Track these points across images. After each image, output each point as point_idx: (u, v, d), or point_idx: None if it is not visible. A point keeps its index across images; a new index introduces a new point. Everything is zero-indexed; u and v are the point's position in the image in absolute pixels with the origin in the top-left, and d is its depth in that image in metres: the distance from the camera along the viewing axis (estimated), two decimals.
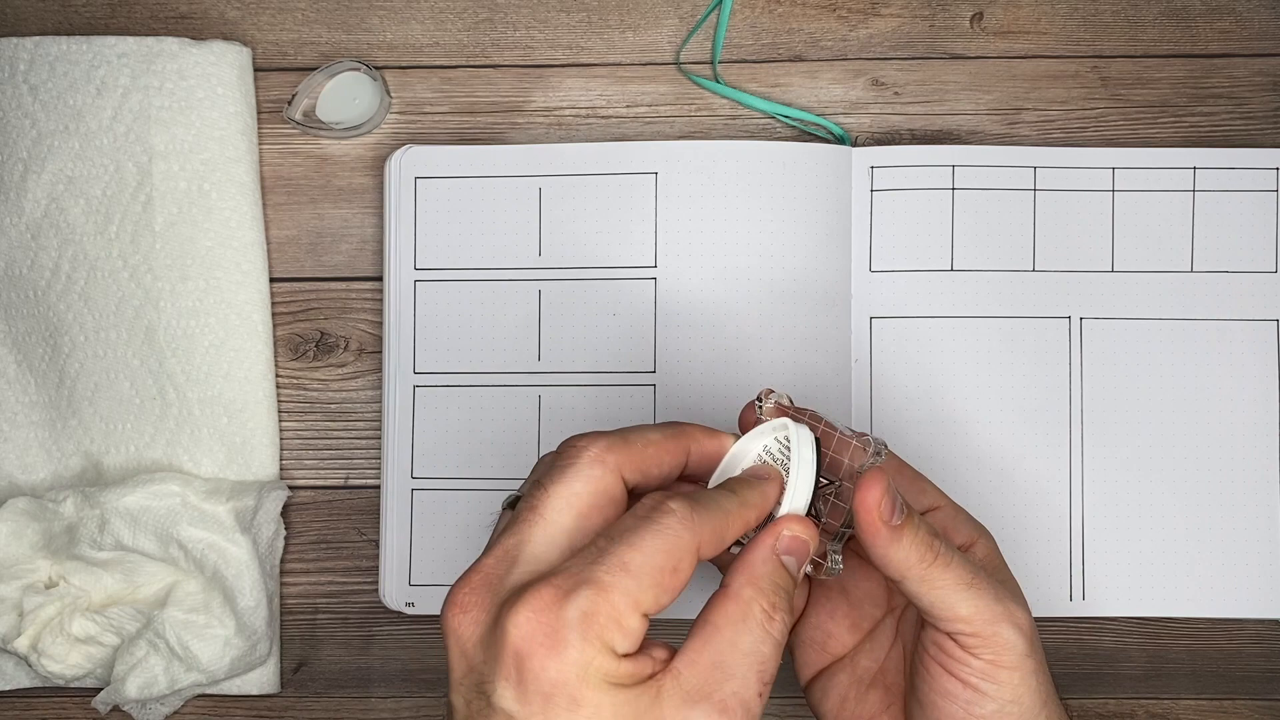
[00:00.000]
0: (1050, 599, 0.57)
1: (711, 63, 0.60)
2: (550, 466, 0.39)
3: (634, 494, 0.41)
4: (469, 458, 0.57)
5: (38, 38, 0.58)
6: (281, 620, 0.58)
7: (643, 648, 0.37)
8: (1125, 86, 0.59)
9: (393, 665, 0.58)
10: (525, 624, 0.35)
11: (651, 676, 0.36)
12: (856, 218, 0.58)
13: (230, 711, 0.58)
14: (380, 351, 0.59)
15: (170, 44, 0.58)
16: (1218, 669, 0.58)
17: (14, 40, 0.58)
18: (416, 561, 0.57)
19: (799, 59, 0.60)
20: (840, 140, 0.59)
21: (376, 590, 0.58)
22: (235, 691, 0.57)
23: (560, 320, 0.57)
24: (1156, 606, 0.57)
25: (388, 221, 0.58)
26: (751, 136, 0.59)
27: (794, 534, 0.40)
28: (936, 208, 0.58)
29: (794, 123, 0.59)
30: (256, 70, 0.60)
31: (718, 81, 0.59)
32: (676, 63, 0.60)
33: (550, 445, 0.57)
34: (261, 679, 0.57)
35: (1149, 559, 0.57)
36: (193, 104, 0.57)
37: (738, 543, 0.41)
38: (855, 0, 0.60)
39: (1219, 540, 0.57)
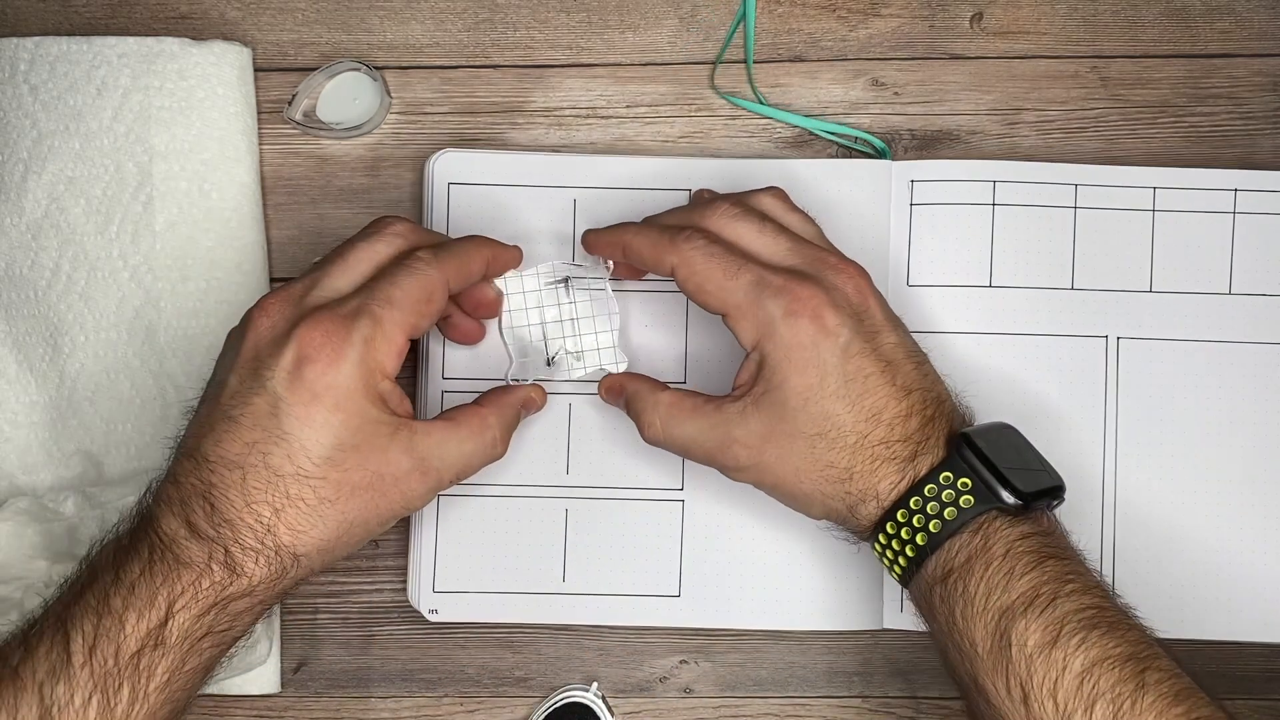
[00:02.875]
0: None
1: (749, 81, 0.59)
2: (360, 233, 0.50)
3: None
4: (495, 463, 0.57)
5: (38, 38, 0.58)
6: (282, 620, 0.58)
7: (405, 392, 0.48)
8: (1125, 86, 0.60)
9: (393, 665, 0.58)
10: (313, 339, 0.45)
11: (397, 415, 0.47)
12: (894, 231, 0.58)
13: (230, 711, 0.58)
14: None
15: (171, 44, 0.58)
16: (1217, 669, 0.58)
17: (14, 40, 0.58)
18: (441, 568, 0.57)
19: (799, 59, 0.60)
20: (881, 154, 0.59)
21: (377, 590, 0.58)
22: (235, 691, 0.57)
23: None
24: (1189, 629, 0.56)
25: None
26: (751, 136, 0.59)
27: (538, 395, 0.55)
28: (976, 223, 0.58)
29: (834, 137, 0.59)
30: (257, 70, 0.60)
31: (760, 103, 0.59)
32: (713, 87, 0.60)
33: (578, 438, 0.57)
34: (262, 679, 0.57)
35: (1181, 581, 0.57)
36: (193, 104, 0.57)
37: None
38: (855, 0, 0.60)
39: (1252, 564, 0.56)
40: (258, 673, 0.57)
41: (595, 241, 0.53)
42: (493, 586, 0.57)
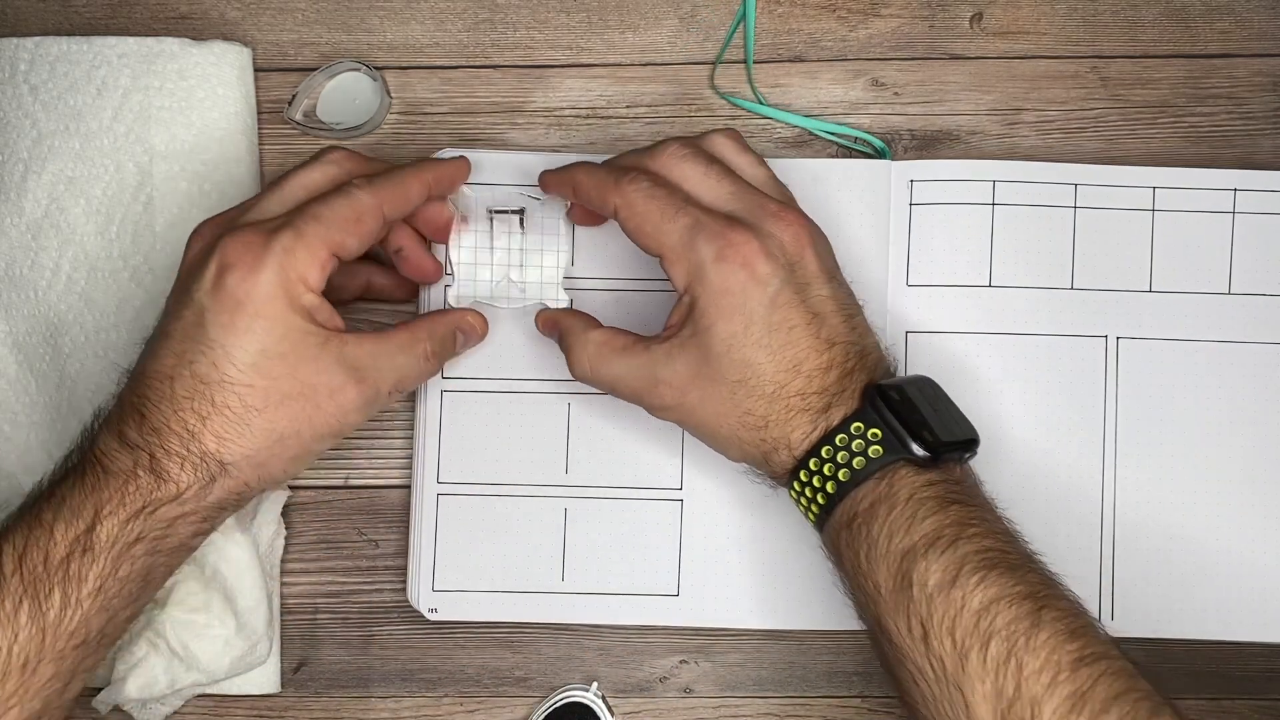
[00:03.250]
0: None
1: (749, 81, 0.60)
2: (299, 164, 0.51)
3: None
4: (495, 462, 0.57)
5: (38, 38, 0.58)
6: (282, 620, 0.58)
7: (335, 297, 0.49)
8: (1125, 86, 0.60)
9: (393, 665, 0.59)
10: (234, 248, 0.47)
11: (327, 328, 0.48)
12: (894, 231, 0.58)
13: (230, 711, 0.59)
14: None
15: (171, 44, 0.58)
16: (1217, 669, 0.58)
17: (14, 40, 0.58)
18: (440, 567, 0.57)
19: (799, 59, 0.60)
20: (880, 154, 0.59)
21: (376, 590, 0.59)
22: (235, 691, 0.57)
23: None
24: (1189, 629, 0.57)
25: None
26: (751, 136, 0.60)
27: (476, 321, 0.55)
28: (976, 223, 0.58)
29: (834, 137, 0.59)
30: (256, 70, 0.60)
31: (760, 103, 0.59)
32: (713, 87, 0.60)
33: (577, 438, 0.57)
34: (262, 679, 0.57)
35: (1181, 581, 0.57)
36: (193, 104, 0.58)
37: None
38: (855, 0, 0.60)
39: (1251, 564, 0.57)
40: (258, 673, 0.57)
41: (550, 181, 0.54)
42: (492, 586, 0.57)
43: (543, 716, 0.57)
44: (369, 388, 0.49)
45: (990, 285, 0.57)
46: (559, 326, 0.54)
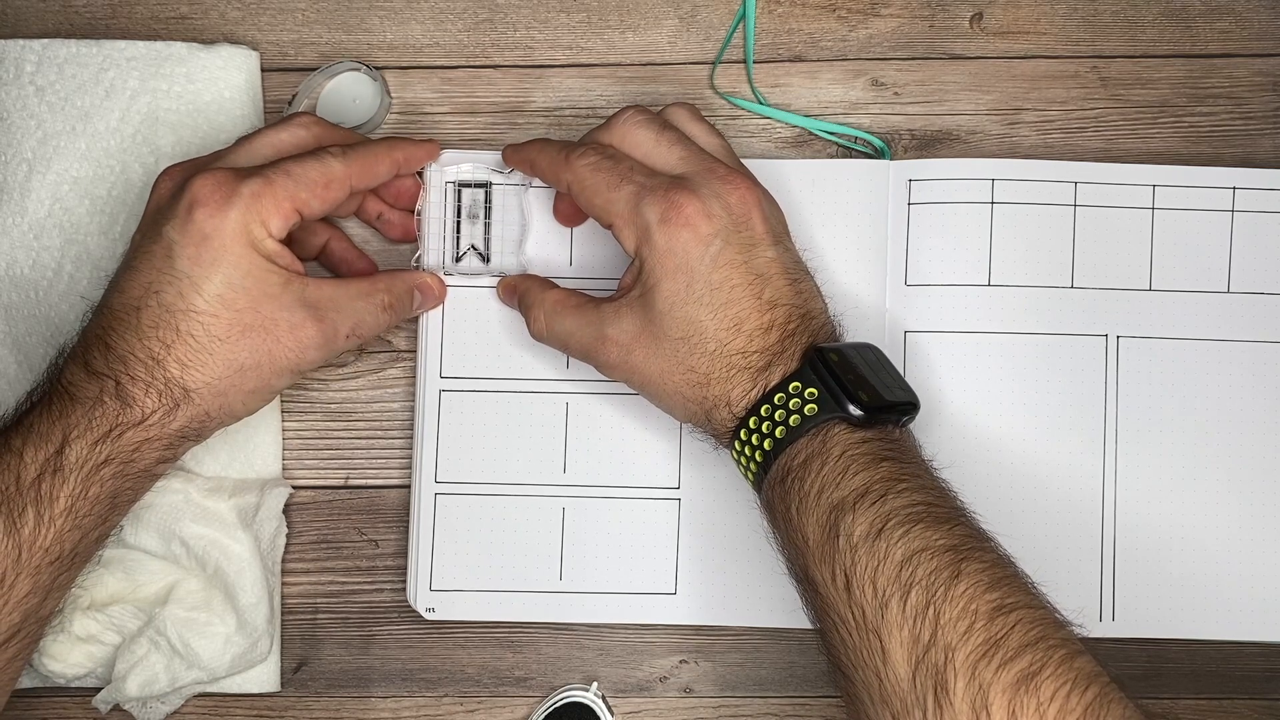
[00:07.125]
0: (1080, 619, 0.53)
1: (749, 80, 0.60)
2: (269, 123, 0.56)
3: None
4: (493, 462, 0.58)
5: (46, 40, 0.59)
6: (282, 620, 0.59)
7: (295, 252, 0.52)
8: (1125, 86, 0.61)
9: (393, 665, 0.59)
10: (204, 186, 0.50)
11: (288, 270, 0.51)
12: (893, 231, 0.59)
13: (231, 711, 0.60)
14: (381, 352, 0.60)
15: (179, 48, 0.59)
16: (1217, 669, 0.59)
17: (21, 42, 0.59)
18: (438, 567, 0.58)
19: (799, 59, 0.61)
20: (880, 154, 0.60)
21: (377, 590, 0.59)
22: (236, 690, 0.58)
23: None
24: (1189, 629, 0.58)
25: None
26: (751, 136, 0.60)
27: (434, 282, 0.58)
28: (975, 222, 0.59)
29: (834, 137, 0.60)
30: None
31: (760, 103, 0.60)
32: (712, 87, 0.61)
33: (575, 437, 0.59)
34: (262, 677, 0.58)
35: (1181, 581, 0.58)
36: (200, 108, 0.59)
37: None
38: (855, 0, 0.61)
39: (1251, 563, 0.58)
40: (258, 670, 0.58)
41: (510, 157, 0.58)
42: (489, 585, 0.58)
43: (543, 716, 0.58)
44: (327, 327, 0.52)
45: (989, 284, 0.58)
46: (518, 290, 0.57)
